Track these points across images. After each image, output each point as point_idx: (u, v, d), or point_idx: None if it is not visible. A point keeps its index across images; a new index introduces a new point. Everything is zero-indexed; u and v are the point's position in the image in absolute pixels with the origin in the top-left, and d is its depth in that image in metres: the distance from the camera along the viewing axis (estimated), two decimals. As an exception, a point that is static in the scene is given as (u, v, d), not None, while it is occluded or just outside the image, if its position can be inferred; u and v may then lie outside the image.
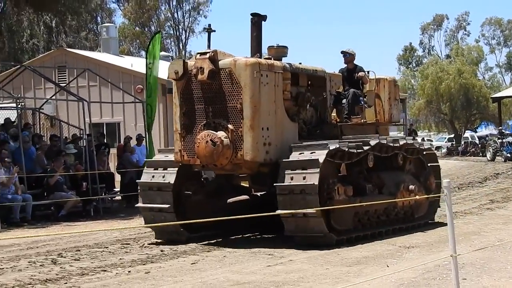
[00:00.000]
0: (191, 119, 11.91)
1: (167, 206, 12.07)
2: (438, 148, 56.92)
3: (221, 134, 11.36)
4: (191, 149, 11.79)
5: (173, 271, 9.58)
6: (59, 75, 29.06)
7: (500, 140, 40.10)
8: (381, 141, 12.66)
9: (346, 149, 11.65)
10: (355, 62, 14.21)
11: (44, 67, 27.89)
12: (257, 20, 12.55)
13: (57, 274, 9.57)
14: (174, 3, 63.38)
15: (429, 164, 14.34)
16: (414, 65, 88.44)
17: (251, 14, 12.60)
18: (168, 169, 12.26)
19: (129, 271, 9.69)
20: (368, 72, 14.16)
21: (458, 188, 22.24)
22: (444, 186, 7.15)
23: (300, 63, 12.93)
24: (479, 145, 51.09)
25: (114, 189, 20.58)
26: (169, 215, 12.07)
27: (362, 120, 13.89)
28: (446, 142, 60.58)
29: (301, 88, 12.89)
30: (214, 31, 12.12)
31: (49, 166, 18.29)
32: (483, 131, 64.29)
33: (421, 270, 8.85)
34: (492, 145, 40.71)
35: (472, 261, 9.37)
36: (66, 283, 8.96)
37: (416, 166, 14.11)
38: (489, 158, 40.04)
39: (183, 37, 62.83)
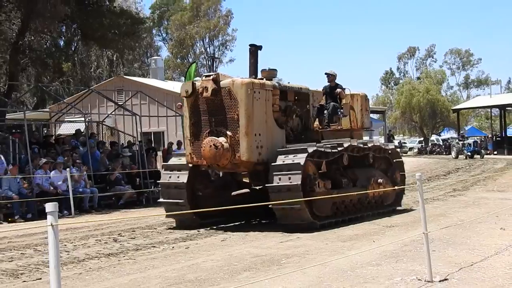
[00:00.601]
0: (198, 128, 11.66)
1: (182, 182, 11.90)
2: (411, 148, 56.72)
3: (222, 139, 11.17)
4: (199, 152, 11.55)
5: (207, 247, 9.54)
6: (117, 96, 29.23)
7: (462, 142, 39.96)
8: (352, 144, 12.35)
9: (329, 150, 11.54)
10: (336, 81, 13.92)
11: (106, 90, 28.05)
12: (254, 49, 12.29)
13: (117, 250, 9.56)
14: (207, 40, 63.45)
15: (395, 161, 14.13)
16: (392, 84, 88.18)
17: (249, 45, 12.37)
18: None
19: (173, 247, 9.64)
20: (345, 89, 13.90)
21: (427, 180, 22.06)
22: (416, 178, 7.06)
23: (289, 82, 12.83)
24: (443, 146, 50.86)
25: (161, 183, 20.54)
26: (182, 192, 11.88)
27: (339, 127, 13.63)
28: (417, 144, 60.13)
29: (289, 102, 12.57)
30: (218, 58, 12.10)
31: (110, 166, 18.34)
32: (445, 135, 63.85)
33: (400, 244, 8.76)
34: (456, 146, 40.49)
35: (440, 236, 9.28)
36: (124, 256, 8.93)
37: (384, 164, 13.86)
38: (453, 156, 39.76)
39: (214, 66, 62.88)
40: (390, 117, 69.30)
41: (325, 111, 13.57)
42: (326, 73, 14.08)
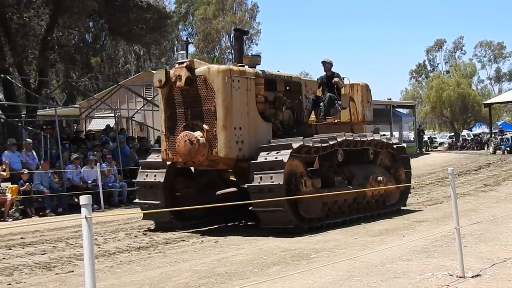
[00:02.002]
0: (173, 122, 10.65)
1: (158, 181, 11.02)
2: (441, 143, 56.08)
3: (197, 134, 10.16)
4: (174, 148, 10.59)
5: (236, 241, 9.58)
6: (146, 91, 29.42)
7: (500, 137, 39.02)
8: (347, 138, 11.30)
9: (319, 145, 10.52)
10: (332, 70, 12.80)
11: (134, 85, 28.29)
12: (239, 35, 11.58)
13: (147, 243, 9.68)
14: (232, 34, 63.46)
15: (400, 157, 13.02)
16: (423, 77, 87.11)
17: (234, 30, 11.70)
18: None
19: (202, 241, 9.73)
20: (343, 78, 12.80)
21: (458, 175, 21.79)
22: (448, 172, 7.01)
23: (278, 71, 11.87)
24: (474, 141, 50.20)
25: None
26: (158, 192, 11.01)
27: (336, 120, 12.45)
28: (447, 139, 59.45)
29: (278, 93, 11.67)
30: (191, 43, 11.54)
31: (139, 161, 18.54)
32: (477, 130, 62.93)
33: (430, 239, 8.70)
34: (494, 141, 39.53)
35: (471, 232, 9.20)
36: (154, 249, 9.04)
37: (388, 160, 12.80)
38: (491, 152, 38.54)
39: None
40: (420, 112, 68.58)
41: (321, 103, 12.55)
42: (322, 62, 12.93)
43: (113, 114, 21.58)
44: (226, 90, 10.14)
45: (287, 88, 12.09)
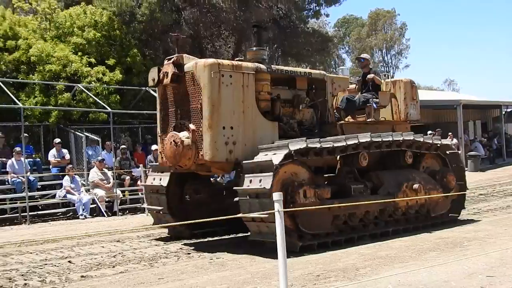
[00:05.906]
0: (166, 122, 8.68)
1: (161, 185, 9.13)
2: None
3: (183, 134, 8.09)
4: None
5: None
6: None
7: None
8: (372, 139, 8.49)
9: (331, 145, 7.99)
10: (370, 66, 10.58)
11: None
12: (258, 31, 9.50)
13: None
14: (384, 50, 62.20)
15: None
16: None
17: (253, 26, 10.03)
18: None
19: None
20: (386, 74, 10.53)
21: None
22: None
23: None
24: None
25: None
26: (162, 198, 9.15)
27: (369, 119, 9.66)
28: None
29: (299, 91, 9.35)
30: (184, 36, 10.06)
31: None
32: None
33: None
34: None
35: None
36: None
37: (438, 164, 9.91)
38: None
39: (391, 73, 61.28)
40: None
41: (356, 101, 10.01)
42: (357, 58, 10.65)
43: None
44: (213, 85, 8.00)
45: (313, 86, 9.71)
